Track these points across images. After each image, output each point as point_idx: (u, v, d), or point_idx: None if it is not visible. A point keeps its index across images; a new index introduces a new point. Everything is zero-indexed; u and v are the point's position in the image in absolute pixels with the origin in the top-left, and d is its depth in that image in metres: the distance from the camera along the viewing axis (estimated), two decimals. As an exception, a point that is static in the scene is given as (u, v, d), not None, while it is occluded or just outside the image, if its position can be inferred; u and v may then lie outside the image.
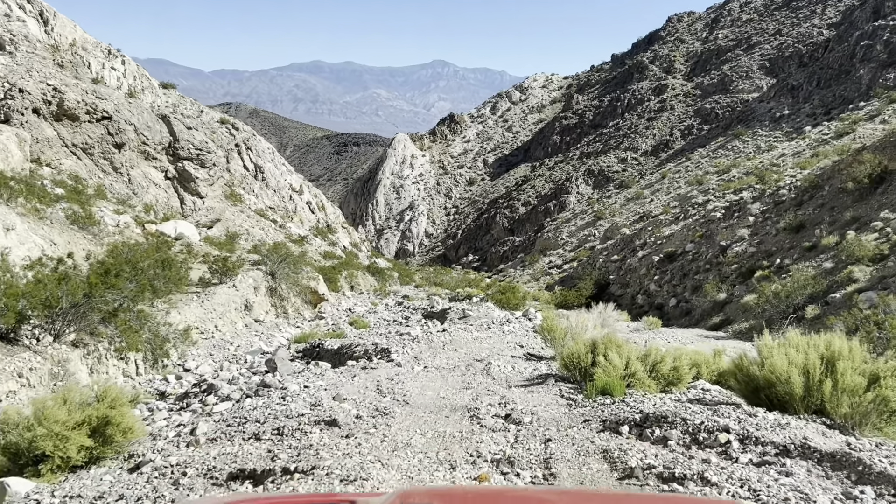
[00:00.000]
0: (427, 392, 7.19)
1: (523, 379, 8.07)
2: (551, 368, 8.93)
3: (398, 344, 10.81)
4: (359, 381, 7.68)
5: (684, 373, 6.81)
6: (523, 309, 19.28)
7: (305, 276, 19.11)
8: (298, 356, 11.75)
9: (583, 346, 7.41)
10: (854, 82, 67.61)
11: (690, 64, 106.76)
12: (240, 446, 5.01)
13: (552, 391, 7.06)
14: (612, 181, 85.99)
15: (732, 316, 25.17)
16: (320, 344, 11.91)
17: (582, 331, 10.37)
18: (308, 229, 49.13)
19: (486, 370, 8.63)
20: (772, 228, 29.29)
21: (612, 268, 43.53)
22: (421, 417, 6.01)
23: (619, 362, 6.66)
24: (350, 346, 11.10)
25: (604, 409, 5.76)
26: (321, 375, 8.27)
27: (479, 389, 7.38)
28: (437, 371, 8.69)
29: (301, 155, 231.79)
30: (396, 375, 8.04)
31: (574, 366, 7.39)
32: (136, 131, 31.46)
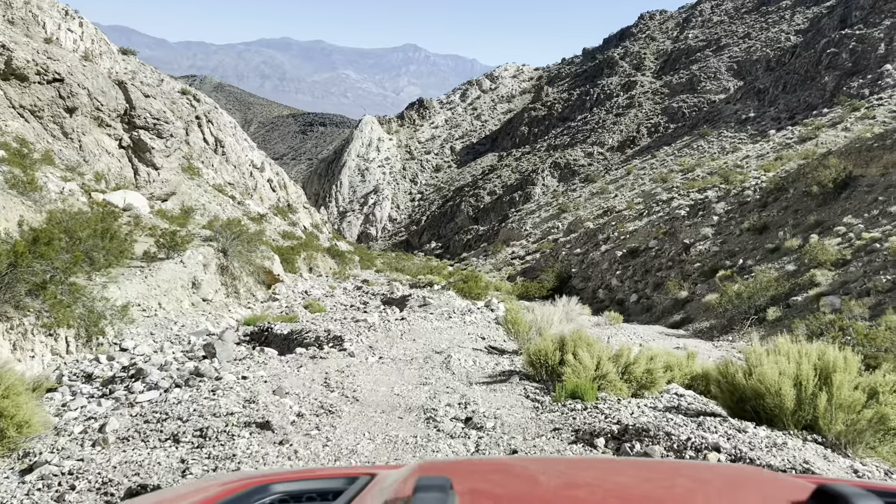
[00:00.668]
0: (380, 387, 6.58)
1: (485, 375, 7.52)
2: (515, 364, 8.40)
3: (353, 331, 10.15)
4: (305, 373, 7.02)
5: (658, 376, 6.33)
6: (485, 299, 18.77)
7: (260, 255, 18.26)
8: (245, 340, 11.01)
9: (550, 343, 6.88)
10: (819, 89, 68.62)
11: (660, 62, 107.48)
12: (151, 451, 4.33)
13: (517, 391, 6.52)
14: (577, 175, 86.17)
15: (693, 314, 25.09)
16: (269, 328, 11.17)
17: (547, 325, 9.86)
18: (268, 208, 47.91)
19: (446, 364, 8.06)
20: (736, 228, 29.31)
21: (575, 261, 43.37)
22: (371, 418, 5.41)
23: (589, 362, 6.14)
24: (301, 331, 10.39)
25: (575, 416, 5.22)
26: (264, 364, 7.57)
27: (438, 386, 6.79)
28: (394, 363, 8.08)
29: (265, 132, 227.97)
30: (348, 367, 7.41)
31: (541, 364, 6.85)
32: (90, 96, 29.97)
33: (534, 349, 7.00)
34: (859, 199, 25.23)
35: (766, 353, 5.03)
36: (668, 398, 6.17)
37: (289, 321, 12.24)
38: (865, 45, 67.07)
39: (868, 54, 66.17)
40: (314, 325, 10.98)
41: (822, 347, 4.87)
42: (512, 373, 7.46)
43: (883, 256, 19.78)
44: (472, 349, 9.62)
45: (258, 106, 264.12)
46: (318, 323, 11.22)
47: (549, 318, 9.95)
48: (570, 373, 6.06)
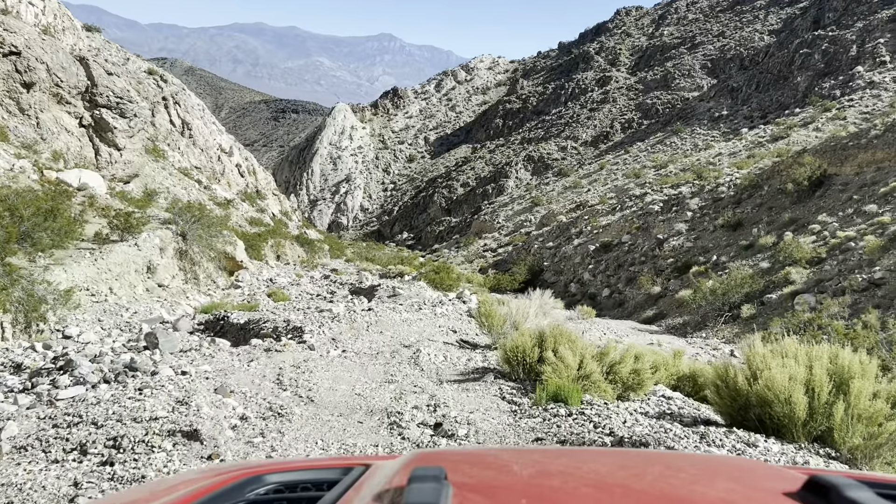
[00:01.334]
0: (340, 385, 5.93)
1: (457, 372, 6.92)
2: (488, 360, 7.82)
3: (315, 322, 9.45)
4: (256, 368, 6.34)
5: (646, 377, 5.79)
6: (457, 290, 18.17)
7: (222, 240, 17.43)
8: (199, 329, 10.27)
9: (529, 339, 6.30)
10: (791, 88, 69.18)
11: (635, 58, 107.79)
12: (45, 468, 3.63)
13: (492, 391, 5.93)
14: (551, 168, 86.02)
15: (666, 310, 24.81)
16: (225, 317, 10.42)
17: (522, 318, 9.30)
18: (236, 193, 46.71)
19: (415, 359, 7.44)
20: (710, 225, 29.11)
21: (547, 254, 43.01)
22: (326, 422, 4.77)
23: (572, 361, 5.58)
24: (258, 321, 9.68)
25: (560, 424, 4.65)
26: (211, 357, 6.87)
27: (405, 384, 6.17)
28: (357, 357, 7.43)
29: (237, 118, 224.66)
30: (306, 362, 6.75)
31: (518, 361, 6.28)
32: (49, 71, 28.65)
33: (510, 345, 6.41)
34: (834, 197, 25.14)
35: (771, 354, 4.51)
36: (656, 401, 5.64)
37: (248, 310, 11.51)
38: (838, 47, 67.75)
39: (840, 56, 66.86)
40: (274, 314, 10.27)
41: (835, 350, 4.36)
42: (486, 370, 6.87)
43: (858, 255, 19.61)
44: (442, 343, 9.02)
45: (230, 91, 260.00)
46: (278, 313, 10.51)
47: (525, 312, 9.39)
48: (551, 372, 5.50)
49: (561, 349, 5.84)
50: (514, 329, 9.20)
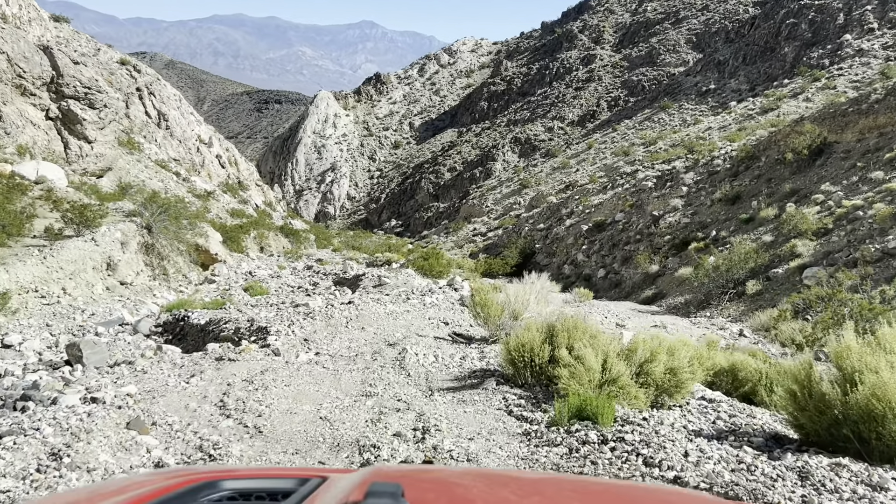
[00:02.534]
0: (302, 405, 4.80)
1: (451, 377, 5.82)
2: (486, 358, 6.73)
3: (285, 320, 8.30)
4: (198, 385, 5.23)
5: (685, 377, 4.70)
6: (448, 277, 17.06)
7: (193, 232, 16.20)
8: (157, 332, 9.13)
9: (536, 334, 5.20)
10: (779, 60, 68.24)
11: (619, 35, 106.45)
12: None
13: (494, 402, 4.84)
14: (538, 150, 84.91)
15: (665, 289, 23.82)
16: (185, 317, 9.27)
17: (522, 307, 8.21)
18: (216, 185, 45.26)
19: (400, 361, 6.34)
20: (706, 199, 28.10)
21: (538, 237, 41.97)
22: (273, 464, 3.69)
23: (594, 361, 4.49)
24: (219, 321, 8.53)
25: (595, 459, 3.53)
26: (143, 374, 5.75)
27: (386, 398, 5.06)
28: (331, 362, 6.32)
29: (220, 110, 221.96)
30: (263, 373, 5.63)
31: (524, 362, 5.19)
32: (10, 61, 27.15)
33: (515, 343, 5.31)
34: (836, 165, 24.16)
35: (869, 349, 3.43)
36: (699, 407, 4.58)
37: (216, 307, 10.36)
38: (825, 16, 66.80)
39: (827, 24, 65.92)
40: (239, 312, 9.11)
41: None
42: (486, 373, 5.79)
43: (867, 224, 18.65)
44: (433, 338, 7.91)
45: (211, 83, 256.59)
46: (245, 310, 9.34)
47: (524, 299, 8.30)
48: (568, 377, 4.42)
49: (578, 346, 4.76)
50: (514, 319, 8.12)
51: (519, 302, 8.14)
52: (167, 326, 9.28)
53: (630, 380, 4.57)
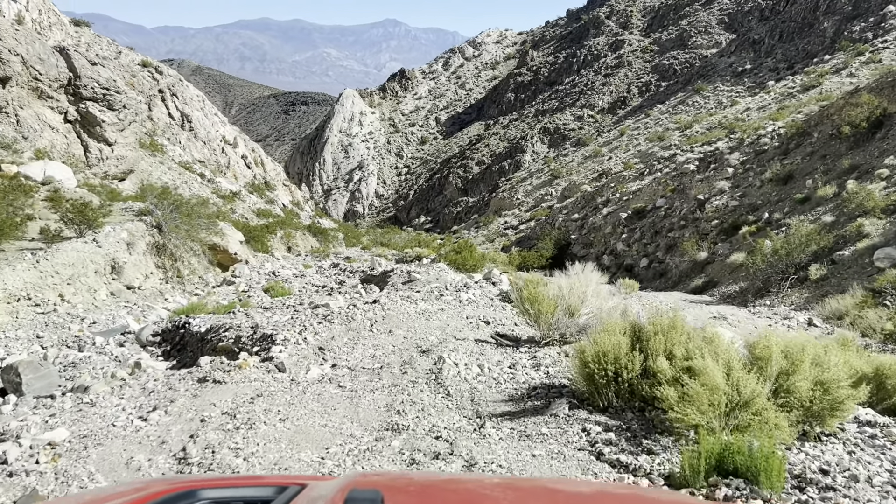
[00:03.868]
0: (299, 453, 3.45)
1: (504, 396, 4.52)
2: (541, 364, 5.42)
3: (296, 325, 7.07)
4: (158, 424, 3.98)
5: (843, 395, 3.33)
6: (483, 271, 15.74)
7: (210, 231, 15.12)
8: (155, 342, 7.99)
9: (622, 338, 3.87)
10: (818, 35, 65.53)
11: (647, 19, 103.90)
12: None
13: (572, 437, 3.53)
14: (568, 139, 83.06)
15: (717, 277, 22.19)
16: (186, 324, 8.11)
17: (578, 301, 6.87)
18: (242, 185, 44.55)
19: (436, 374, 5.06)
20: (755, 180, 26.32)
21: (573, 227, 40.40)
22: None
23: (719, 378, 3.14)
24: (220, 328, 7.32)
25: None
26: (90, 405, 4.53)
27: (419, 433, 3.76)
28: (350, 378, 5.06)
29: (247, 114, 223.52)
30: (255, 400, 4.37)
31: (607, 378, 3.85)
32: (25, 64, 26.49)
33: (593, 351, 3.96)
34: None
35: None
36: (861, 436, 3.22)
37: (225, 311, 9.19)
38: (866, -13, 63.93)
39: (869, -4, 63.11)
40: (246, 317, 7.89)
41: None
42: (549, 390, 4.47)
43: (945, 198, 16.87)
44: (474, 341, 6.62)
45: (238, 88, 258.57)
46: (253, 315, 8.11)
47: (580, 292, 6.95)
48: (679, 400, 3.10)
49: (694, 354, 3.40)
50: (569, 316, 6.77)
51: (574, 296, 6.81)
52: (166, 335, 8.13)
53: (769, 402, 3.23)
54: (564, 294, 6.89)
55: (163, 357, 7.34)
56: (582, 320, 6.80)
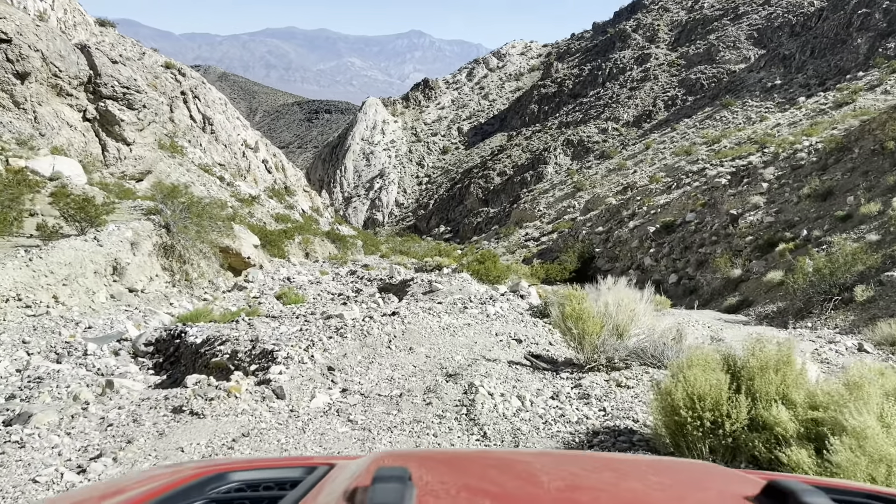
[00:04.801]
0: None
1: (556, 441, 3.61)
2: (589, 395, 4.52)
3: (303, 340, 6.18)
4: (99, 478, 3.10)
5: None
6: (508, 282, 14.85)
7: (221, 232, 14.38)
8: (148, 352, 7.18)
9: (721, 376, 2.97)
10: (851, 52, 64.09)
11: (675, 33, 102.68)
12: None
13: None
14: (592, 152, 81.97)
15: (752, 296, 21.09)
16: (182, 333, 7.28)
17: (628, 320, 5.97)
18: (262, 189, 44.06)
19: (467, 407, 4.18)
20: (792, 196, 25.19)
21: (597, 240, 39.37)
22: None
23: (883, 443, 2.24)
24: (216, 340, 6.46)
25: None
26: (22, 446, 3.65)
27: None
28: (362, 408, 4.19)
29: (271, 121, 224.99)
30: (236, 443, 3.45)
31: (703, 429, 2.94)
32: (45, 60, 26.13)
33: (684, 394, 3.03)
34: (950, 154, 21.12)
35: None
36: None
37: (228, 319, 8.36)
38: (902, 3, 62.51)
39: (905, 12, 61.65)
40: (249, 327, 7.02)
41: None
42: (615, 437, 3.58)
43: None
44: (507, 363, 5.74)
45: (263, 94, 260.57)
46: (257, 325, 7.23)
47: (629, 310, 6.05)
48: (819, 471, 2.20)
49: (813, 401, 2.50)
50: (617, 337, 5.86)
51: (623, 314, 5.92)
52: (160, 345, 7.30)
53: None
54: (611, 312, 6.00)
55: (154, 370, 6.52)
56: (632, 342, 5.90)
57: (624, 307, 5.98)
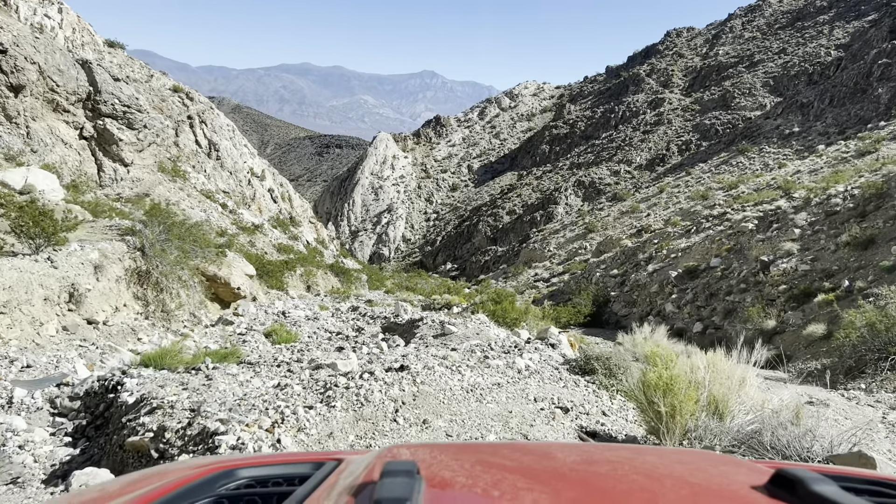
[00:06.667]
0: None
1: None
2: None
3: (271, 409, 4.35)
4: None
5: None
6: (533, 326, 13.12)
7: (207, 258, 12.76)
8: (74, 408, 5.48)
9: None
10: (872, 101, 63.06)
11: (689, 79, 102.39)
12: None
13: None
14: (603, 193, 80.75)
15: (789, 350, 19.24)
16: (118, 386, 5.56)
17: (727, 392, 4.25)
18: (266, 219, 42.63)
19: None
20: (828, 243, 23.49)
21: (612, 283, 37.63)
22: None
23: None
24: (151, 401, 4.70)
25: None
26: None
27: None
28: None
29: (282, 154, 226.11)
30: None
31: None
32: (42, 74, 24.93)
33: None
34: None
35: None
36: None
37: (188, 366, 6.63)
38: (924, 53, 61.67)
39: (927, 63, 60.78)
40: (207, 381, 5.28)
41: None
42: None
43: None
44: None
45: (275, 128, 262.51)
46: (219, 381, 5.37)
47: (729, 376, 4.35)
48: None
49: None
50: (717, 418, 4.14)
51: (719, 383, 4.23)
52: (90, 400, 5.55)
53: None
54: (703, 379, 4.29)
55: (73, 436, 4.82)
56: (736, 424, 4.18)
57: (721, 374, 4.29)
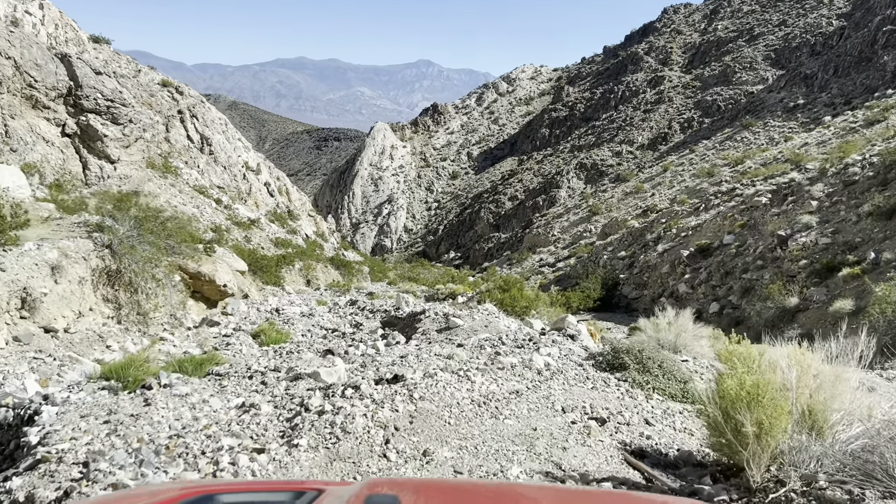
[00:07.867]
0: None
1: None
2: None
3: (208, 450, 3.30)
4: None
5: None
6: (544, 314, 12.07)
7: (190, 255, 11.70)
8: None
9: None
10: (877, 69, 61.69)
11: (688, 55, 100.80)
12: None
13: None
14: (606, 175, 79.47)
15: (814, 328, 18.20)
16: (32, 418, 4.39)
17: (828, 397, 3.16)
18: (263, 213, 41.56)
19: None
20: (849, 214, 22.36)
21: (620, 265, 36.52)
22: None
23: None
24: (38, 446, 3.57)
25: None
26: None
27: None
28: None
29: (280, 149, 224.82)
30: None
31: None
32: (19, 69, 23.81)
33: None
34: None
35: None
36: None
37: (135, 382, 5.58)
38: (930, 18, 60.25)
39: (934, 27, 59.36)
40: (146, 405, 4.14)
41: None
42: None
43: None
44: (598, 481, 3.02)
45: (273, 123, 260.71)
46: (155, 402, 4.20)
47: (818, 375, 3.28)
48: None
49: None
50: (815, 435, 3.03)
51: (822, 393, 3.16)
52: (2, 437, 4.52)
53: None
54: (788, 380, 3.21)
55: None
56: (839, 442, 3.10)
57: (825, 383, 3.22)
